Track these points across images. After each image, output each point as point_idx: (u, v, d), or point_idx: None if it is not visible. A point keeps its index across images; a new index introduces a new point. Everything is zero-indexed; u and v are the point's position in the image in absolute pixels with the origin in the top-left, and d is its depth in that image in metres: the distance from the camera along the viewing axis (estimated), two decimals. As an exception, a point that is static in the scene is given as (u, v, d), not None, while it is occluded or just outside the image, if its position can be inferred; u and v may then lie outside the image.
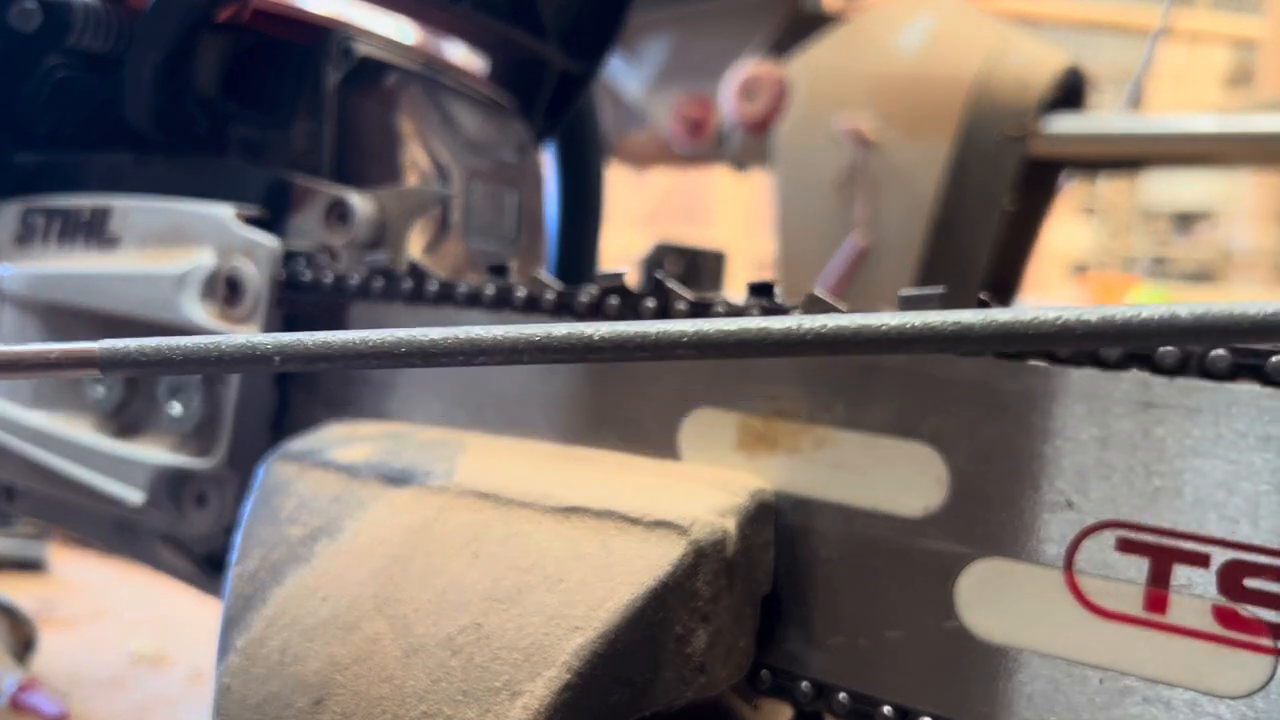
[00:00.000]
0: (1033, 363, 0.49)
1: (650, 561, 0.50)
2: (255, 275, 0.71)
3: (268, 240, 0.72)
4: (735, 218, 3.39)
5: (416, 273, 0.68)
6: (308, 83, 0.80)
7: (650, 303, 0.59)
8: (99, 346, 0.47)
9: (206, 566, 0.77)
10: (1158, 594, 0.46)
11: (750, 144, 1.64)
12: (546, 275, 0.64)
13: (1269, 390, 0.44)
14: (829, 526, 0.54)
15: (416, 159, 0.81)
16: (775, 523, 0.55)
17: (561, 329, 0.41)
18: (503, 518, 0.55)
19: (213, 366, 0.46)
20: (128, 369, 0.47)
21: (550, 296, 0.63)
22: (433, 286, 0.67)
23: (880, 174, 1.48)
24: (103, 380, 0.76)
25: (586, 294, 0.61)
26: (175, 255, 0.74)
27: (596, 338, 0.41)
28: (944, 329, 0.37)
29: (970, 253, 1.43)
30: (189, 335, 0.72)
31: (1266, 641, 0.44)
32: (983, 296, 0.50)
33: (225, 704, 0.56)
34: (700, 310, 0.58)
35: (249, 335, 0.49)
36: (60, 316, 0.80)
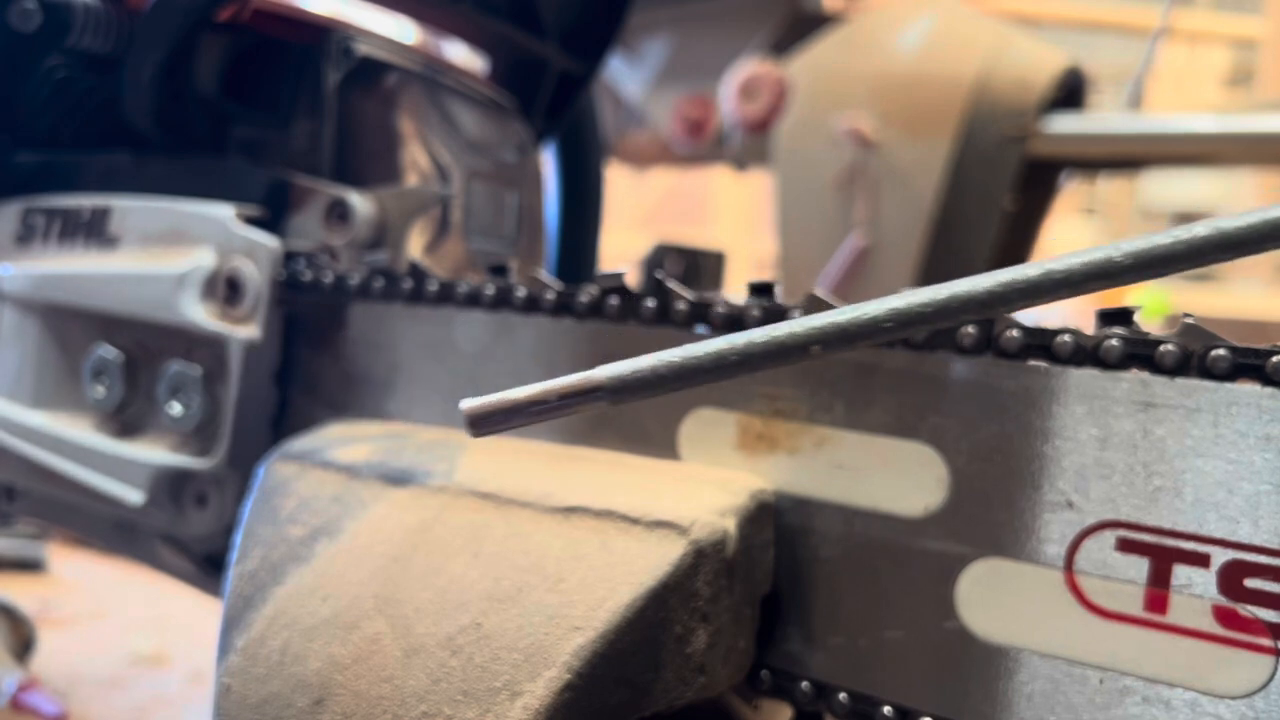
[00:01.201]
0: (1032, 363, 0.49)
1: (650, 561, 0.50)
2: (255, 275, 0.71)
3: (268, 240, 0.72)
4: (735, 218, 3.39)
5: (416, 273, 0.68)
6: (308, 83, 0.80)
7: (650, 303, 0.59)
8: (604, 375, 0.41)
9: (206, 566, 0.77)
10: (1158, 594, 0.46)
11: (750, 144, 1.64)
12: (546, 275, 0.65)
13: (1269, 390, 0.44)
14: (829, 526, 0.54)
15: (416, 159, 0.81)
16: (775, 523, 0.55)
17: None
18: (503, 518, 0.55)
19: (737, 370, 0.40)
20: (639, 394, 0.41)
21: (550, 296, 0.63)
22: (433, 286, 0.67)
23: (880, 174, 1.48)
24: (102, 379, 0.76)
25: (586, 294, 0.61)
26: (175, 255, 0.74)
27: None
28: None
29: (970, 253, 1.43)
30: (192, 335, 0.73)
31: (1266, 641, 0.44)
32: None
33: (225, 704, 0.56)
34: (700, 309, 0.58)
35: (774, 326, 0.43)
36: (60, 316, 0.80)
